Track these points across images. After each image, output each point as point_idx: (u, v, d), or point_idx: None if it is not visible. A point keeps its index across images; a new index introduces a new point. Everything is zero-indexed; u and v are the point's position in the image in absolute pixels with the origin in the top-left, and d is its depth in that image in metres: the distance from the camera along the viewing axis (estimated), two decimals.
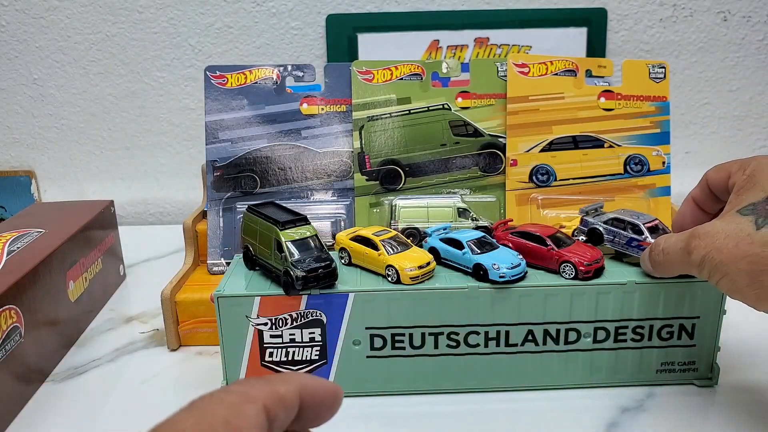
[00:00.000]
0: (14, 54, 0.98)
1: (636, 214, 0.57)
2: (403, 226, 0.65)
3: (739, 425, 0.50)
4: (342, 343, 0.52)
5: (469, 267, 0.53)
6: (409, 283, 0.51)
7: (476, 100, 0.68)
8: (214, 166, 0.67)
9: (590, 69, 0.68)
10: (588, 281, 0.51)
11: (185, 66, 0.99)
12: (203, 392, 0.24)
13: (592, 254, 0.52)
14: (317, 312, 0.51)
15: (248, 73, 0.68)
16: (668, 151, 0.67)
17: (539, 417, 0.51)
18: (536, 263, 0.54)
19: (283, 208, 0.56)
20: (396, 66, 0.67)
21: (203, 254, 0.69)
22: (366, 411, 0.52)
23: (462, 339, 0.52)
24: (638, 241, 0.54)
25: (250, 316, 0.51)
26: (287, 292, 0.51)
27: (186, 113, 1.01)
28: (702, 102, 1.02)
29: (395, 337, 0.52)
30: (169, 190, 1.04)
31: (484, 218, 0.65)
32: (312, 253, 0.51)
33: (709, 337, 0.53)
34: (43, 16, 0.96)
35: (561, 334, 0.52)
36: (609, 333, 0.53)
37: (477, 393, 0.54)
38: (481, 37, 0.94)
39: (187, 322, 0.62)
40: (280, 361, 0.53)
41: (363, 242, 0.55)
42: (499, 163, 0.67)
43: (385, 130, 0.67)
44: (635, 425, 0.50)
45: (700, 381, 0.54)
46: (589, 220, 0.58)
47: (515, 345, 0.53)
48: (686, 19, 0.97)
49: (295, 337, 0.52)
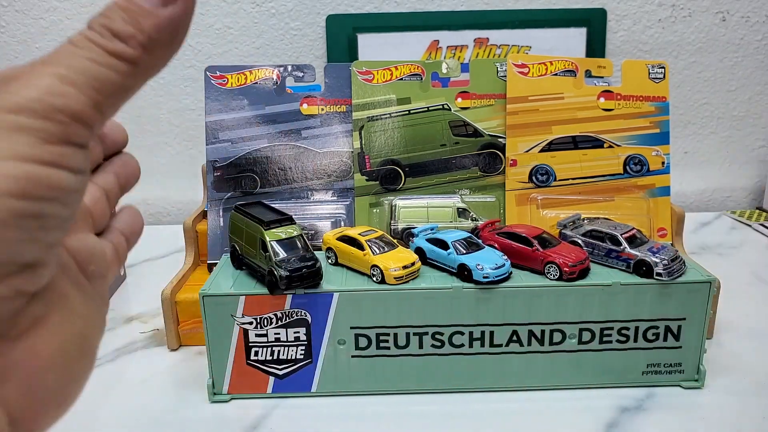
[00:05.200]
0: (14, 55, 0.98)
1: (614, 224, 0.57)
2: (403, 226, 0.65)
3: (738, 425, 0.50)
4: (327, 342, 0.53)
5: (453, 267, 0.53)
6: (394, 283, 0.52)
7: (476, 101, 0.68)
8: (215, 166, 0.67)
9: (590, 69, 0.68)
10: (573, 282, 0.51)
11: (185, 66, 0.99)
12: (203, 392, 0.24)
13: (576, 255, 0.53)
14: (302, 311, 0.52)
15: (248, 74, 0.68)
16: (668, 151, 0.67)
17: (539, 417, 0.51)
18: (522, 264, 0.54)
19: (270, 208, 0.56)
20: (396, 66, 0.67)
21: (203, 254, 0.70)
22: (350, 411, 0.52)
23: (447, 339, 0.53)
24: (617, 252, 0.54)
25: (236, 315, 0.51)
26: (272, 291, 0.51)
27: (186, 113, 1.01)
28: (701, 102, 1.02)
29: (380, 337, 0.52)
30: (169, 190, 1.04)
31: (484, 218, 0.65)
32: (297, 252, 0.51)
33: (696, 339, 0.53)
34: (43, 17, 0.96)
35: (546, 334, 0.53)
36: (594, 334, 0.53)
37: (462, 393, 0.54)
38: (480, 37, 0.94)
39: (187, 322, 0.62)
40: (265, 360, 0.53)
41: (349, 242, 0.55)
42: (499, 163, 0.67)
43: (385, 131, 0.67)
44: (634, 425, 0.50)
45: (686, 383, 0.54)
46: (567, 233, 0.58)
47: (500, 345, 0.53)
48: (685, 19, 0.97)
49: (280, 336, 0.52)
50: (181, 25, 0.21)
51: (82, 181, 0.21)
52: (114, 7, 0.21)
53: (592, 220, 0.61)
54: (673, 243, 0.66)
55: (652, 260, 0.52)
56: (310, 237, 0.65)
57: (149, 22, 0.21)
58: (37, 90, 0.19)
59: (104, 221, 0.28)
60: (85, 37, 0.21)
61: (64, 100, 0.20)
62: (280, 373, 0.54)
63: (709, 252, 0.85)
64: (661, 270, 0.51)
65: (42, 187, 0.20)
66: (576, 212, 0.64)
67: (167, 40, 0.21)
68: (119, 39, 0.20)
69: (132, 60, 0.21)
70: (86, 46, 0.20)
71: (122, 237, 0.28)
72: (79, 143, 0.21)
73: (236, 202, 0.66)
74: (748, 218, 0.98)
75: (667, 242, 0.63)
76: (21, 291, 0.21)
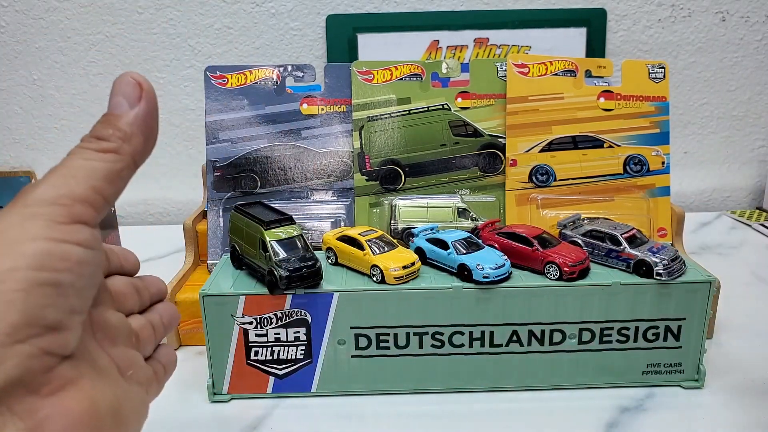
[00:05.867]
0: (14, 55, 0.98)
1: (614, 224, 0.57)
2: (403, 226, 0.65)
3: (738, 425, 0.50)
4: (327, 342, 0.53)
5: (453, 267, 0.53)
6: (394, 283, 0.51)
7: (476, 101, 0.68)
8: (215, 166, 0.67)
9: (590, 69, 0.68)
10: (572, 282, 0.51)
11: (185, 66, 0.99)
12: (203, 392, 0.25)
13: (577, 255, 0.53)
14: (302, 311, 0.52)
15: (248, 74, 0.68)
16: (668, 151, 0.67)
17: (539, 417, 0.51)
18: (522, 264, 0.54)
19: (270, 207, 0.56)
20: (396, 66, 0.67)
21: (203, 254, 0.70)
22: (350, 411, 0.52)
23: (447, 339, 0.53)
24: (617, 252, 0.54)
25: (236, 315, 0.51)
26: (272, 291, 0.51)
27: (186, 113, 1.01)
28: (700, 102, 1.02)
29: (380, 337, 0.52)
30: (169, 190, 1.04)
31: (484, 218, 0.65)
32: (297, 252, 0.51)
33: (696, 339, 0.53)
34: (43, 17, 0.96)
35: (546, 335, 0.53)
36: (594, 334, 0.53)
37: (462, 393, 0.54)
38: (480, 37, 0.94)
39: (187, 322, 0.62)
40: (265, 360, 0.53)
41: (349, 242, 0.55)
42: (499, 163, 0.67)
43: (385, 131, 0.67)
44: (635, 425, 0.50)
45: (686, 383, 0.54)
46: (567, 233, 0.58)
47: (500, 345, 0.53)
48: (685, 19, 0.97)
49: (280, 336, 0.52)
50: (149, 117, 0.28)
51: (92, 255, 0.26)
52: (97, 122, 0.28)
53: (592, 220, 0.61)
54: (673, 243, 0.66)
55: (652, 260, 0.52)
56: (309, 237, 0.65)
57: (122, 121, 0.28)
58: (46, 186, 0.26)
59: (149, 347, 0.35)
60: (78, 147, 0.27)
61: (68, 188, 0.26)
62: (280, 373, 0.54)
63: (709, 252, 0.85)
64: (661, 270, 0.51)
65: (55, 259, 0.25)
66: (576, 212, 0.64)
67: (140, 130, 0.28)
68: (103, 140, 0.27)
69: (114, 150, 0.27)
70: (79, 151, 0.27)
71: (161, 365, 0.36)
72: (84, 221, 0.26)
73: (236, 202, 0.66)
74: (748, 218, 0.98)
75: (667, 242, 0.63)
76: (47, 350, 0.25)
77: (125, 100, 0.28)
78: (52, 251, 0.25)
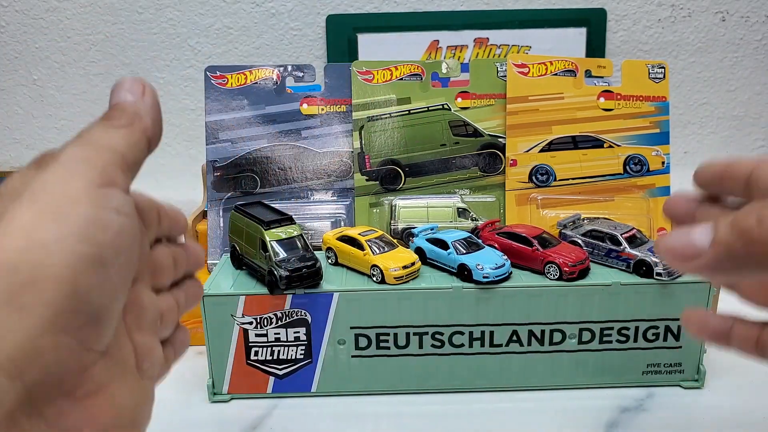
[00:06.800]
0: (14, 55, 0.98)
1: (614, 224, 0.57)
2: (403, 226, 0.65)
3: (738, 425, 0.50)
4: (327, 342, 0.53)
5: (453, 267, 0.53)
6: (394, 283, 0.51)
7: (476, 101, 0.68)
8: (215, 166, 0.67)
9: (590, 69, 0.68)
10: (573, 282, 0.51)
11: (185, 66, 0.99)
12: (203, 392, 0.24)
13: (577, 255, 0.53)
14: (302, 311, 0.52)
15: (248, 74, 0.68)
16: (668, 151, 0.67)
17: (539, 417, 0.51)
18: (522, 264, 0.54)
19: (269, 208, 0.56)
20: (396, 66, 0.67)
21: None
22: (350, 411, 0.52)
23: (447, 339, 0.53)
24: (617, 252, 0.54)
25: (236, 315, 0.51)
26: (272, 291, 0.51)
27: (186, 114, 1.01)
28: (700, 102, 1.02)
29: (380, 337, 0.52)
30: (169, 190, 1.04)
31: (484, 218, 0.65)
32: (297, 252, 0.51)
33: (696, 339, 0.53)
34: (43, 17, 0.96)
35: (546, 334, 0.53)
36: (594, 334, 0.53)
37: (462, 393, 0.54)
38: (480, 37, 0.94)
39: (187, 322, 0.62)
40: (265, 360, 0.53)
41: (349, 242, 0.55)
42: (499, 163, 0.67)
43: (385, 130, 0.67)
44: (634, 425, 0.50)
45: (686, 383, 0.54)
46: (567, 233, 0.58)
47: (500, 345, 0.53)
48: (685, 19, 0.97)
49: (280, 336, 0.52)
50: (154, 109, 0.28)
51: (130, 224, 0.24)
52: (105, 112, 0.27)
53: (592, 220, 0.61)
54: None
55: (652, 260, 0.52)
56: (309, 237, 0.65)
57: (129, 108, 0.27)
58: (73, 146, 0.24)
59: (169, 330, 0.31)
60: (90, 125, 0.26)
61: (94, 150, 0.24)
62: (280, 373, 0.54)
63: None
64: (661, 270, 0.51)
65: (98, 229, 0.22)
66: (576, 212, 0.64)
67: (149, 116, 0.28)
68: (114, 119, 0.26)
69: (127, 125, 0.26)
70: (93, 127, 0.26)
71: (172, 349, 0.32)
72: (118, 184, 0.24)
73: (236, 202, 0.66)
74: None
75: None
76: (86, 344, 0.22)
77: (129, 93, 0.27)
78: (96, 219, 0.21)
